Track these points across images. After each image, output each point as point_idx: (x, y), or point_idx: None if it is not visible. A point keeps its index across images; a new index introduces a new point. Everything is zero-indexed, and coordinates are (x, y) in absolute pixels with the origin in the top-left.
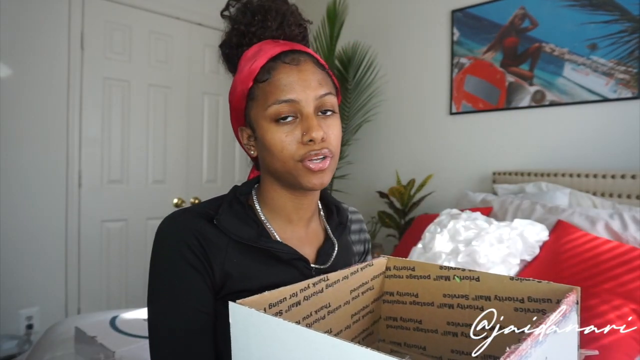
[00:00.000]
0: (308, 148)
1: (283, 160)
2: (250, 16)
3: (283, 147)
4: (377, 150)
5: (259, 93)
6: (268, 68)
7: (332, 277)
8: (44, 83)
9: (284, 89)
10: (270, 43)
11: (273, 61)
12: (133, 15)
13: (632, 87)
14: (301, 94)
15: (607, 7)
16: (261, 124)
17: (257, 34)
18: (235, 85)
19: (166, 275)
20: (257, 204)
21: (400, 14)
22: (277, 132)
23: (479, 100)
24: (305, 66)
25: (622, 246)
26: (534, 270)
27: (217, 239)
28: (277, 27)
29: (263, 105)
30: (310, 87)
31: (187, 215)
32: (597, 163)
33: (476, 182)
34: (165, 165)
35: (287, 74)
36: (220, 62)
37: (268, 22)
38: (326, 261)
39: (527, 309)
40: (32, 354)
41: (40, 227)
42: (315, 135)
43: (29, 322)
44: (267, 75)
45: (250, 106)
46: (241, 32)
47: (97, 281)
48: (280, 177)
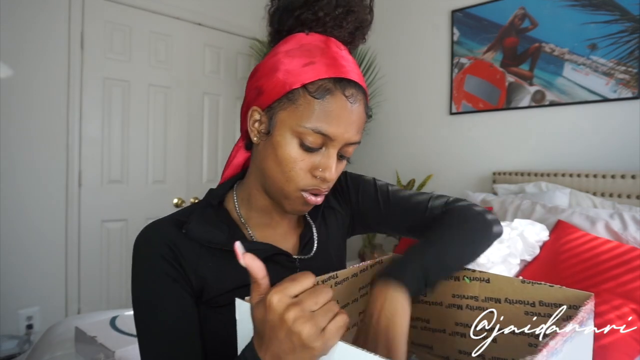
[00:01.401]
0: (315, 182)
1: (286, 180)
2: (333, 6)
3: (293, 169)
4: (377, 150)
5: (303, 102)
6: (326, 88)
7: (341, 275)
8: (44, 83)
9: (330, 121)
10: (337, 46)
11: (334, 83)
12: (133, 15)
13: (632, 87)
14: (340, 134)
15: (607, 7)
16: (284, 131)
17: (328, 26)
18: (278, 63)
19: (145, 287)
20: (236, 202)
21: (400, 14)
22: (296, 152)
23: (479, 100)
24: (358, 108)
25: (622, 246)
26: (534, 270)
27: (190, 246)
28: (350, 32)
29: (299, 118)
30: (350, 130)
31: (159, 225)
32: (597, 163)
33: (476, 182)
34: (165, 165)
35: (341, 108)
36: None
37: (344, 23)
38: (309, 250)
39: (537, 313)
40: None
41: (40, 227)
42: (329, 176)
43: (29, 322)
44: (321, 95)
45: (284, 104)
46: (315, 14)
47: (97, 281)
48: (270, 187)
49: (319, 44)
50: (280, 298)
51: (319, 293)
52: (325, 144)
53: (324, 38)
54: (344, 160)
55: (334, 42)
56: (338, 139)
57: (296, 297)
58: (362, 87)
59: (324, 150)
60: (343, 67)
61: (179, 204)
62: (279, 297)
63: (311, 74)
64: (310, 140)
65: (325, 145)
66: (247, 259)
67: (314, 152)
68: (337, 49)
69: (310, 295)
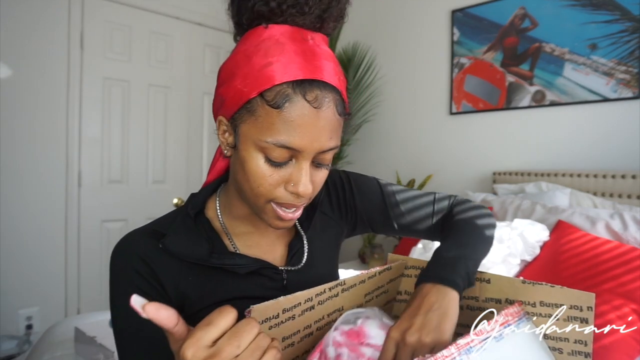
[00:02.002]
0: (286, 196)
1: (255, 196)
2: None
3: (261, 185)
4: (377, 150)
5: (262, 114)
6: (285, 94)
7: (348, 282)
8: (44, 83)
9: (292, 132)
10: (301, 38)
11: (292, 87)
12: (133, 15)
13: (632, 87)
14: (307, 145)
15: (608, 7)
16: (248, 145)
17: (288, 14)
18: (236, 67)
19: (120, 304)
20: (218, 210)
21: (400, 14)
22: (263, 167)
23: (479, 100)
24: (325, 112)
25: (622, 246)
26: (534, 270)
27: (169, 260)
28: (317, 16)
29: (259, 131)
30: (320, 139)
31: (135, 237)
32: (597, 163)
33: (476, 182)
34: (165, 165)
35: (303, 116)
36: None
37: (306, 7)
38: (299, 260)
39: (538, 314)
40: (31, 354)
41: (40, 227)
42: (303, 191)
43: (28, 322)
44: (280, 104)
45: (243, 116)
46: (267, 4)
47: (97, 281)
48: (246, 199)
49: (278, 38)
50: (194, 352)
51: (241, 333)
52: (294, 156)
53: (286, 30)
54: (322, 168)
55: (297, 33)
56: (306, 150)
57: (214, 344)
58: (330, 85)
59: (294, 162)
60: (309, 65)
61: (178, 203)
62: (193, 351)
63: (267, 79)
64: (275, 156)
65: (294, 157)
66: (150, 312)
67: (283, 166)
68: (300, 42)
69: (230, 339)
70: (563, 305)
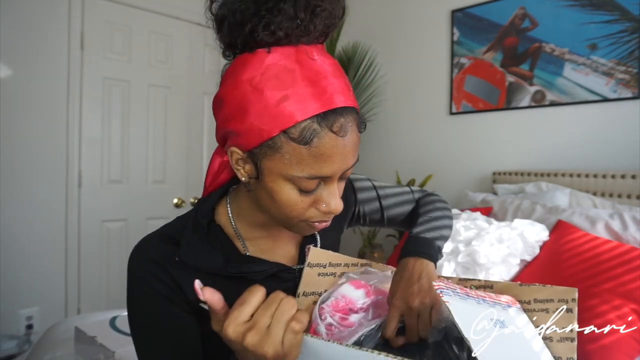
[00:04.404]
0: (318, 215)
1: (287, 217)
2: (293, 16)
3: (293, 209)
4: (377, 150)
5: (288, 150)
6: (311, 130)
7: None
8: (44, 83)
9: (322, 164)
10: (309, 58)
11: (318, 122)
12: (133, 15)
13: (632, 87)
14: (337, 170)
15: (607, 7)
16: (275, 178)
17: (293, 37)
18: (246, 102)
19: (140, 309)
20: (230, 216)
21: (400, 14)
22: (293, 195)
23: (479, 100)
24: (350, 137)
25: (622, 246)
26: (534, 270)
27: (184, 269)
28: (321, 33)
29: (287, 167)
30: (346, 161)
31: (153, 242)
32: (597, 163)
33: (476, 182)
34: (165, 165)
35: (332, 148)
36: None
37: (312, 27)
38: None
39: (532, 310)
40: (32, 354)
41: (40, 227)
42: (335, 209)
43: (29, 322)
44: (307, 140)
45: (266, 152)
46: (273, 34)
47: (97, 281)
48: (273, 218)
49: (287, 64)
50: (235, 328)
51: (269, 305)
52: (323, 181)
53: (290, 52)
54: (343, 180)
55: (303, 54)
56: (335, 174)
57: (251, 318)
58: (349, 108)
59: (322, 185)
60: (325, 92)
61: (178, 203)
62: (233, 327)
63: (288, 116)
64: (305, 186)
65: (323, 182)
66: (207, 294)
67: (314, 191)
68: (308, 64)
69: (263, 312)
70: (553, 299)
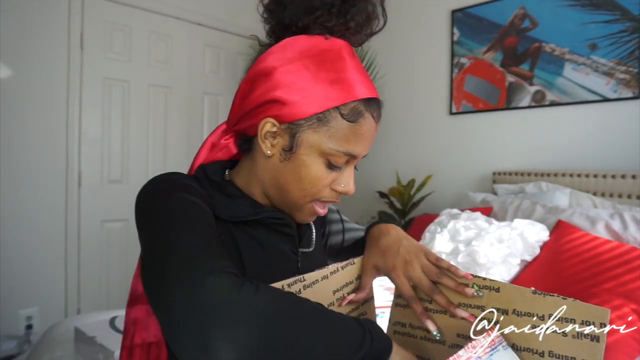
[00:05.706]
0: (331, 194)
1: (304, 195)
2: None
3: (315, 186)
4: (377, 150)
5: (335, 125)
6: (359, 110)
7: (309, 278)
8: (44, 83)
9: (359, 144)
10: (354, 55)
11: (364, 105)
12: (133, 15)
13: (632, 87)
14: (364, 152)
15: (608, 7)
16: (311, 151)
17: (349, 32)
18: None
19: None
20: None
21: (400, 14)
22: (322, 171)
23: (479, 100)
24: (378, 126)
25: (623, 246)
26: (535, 270)
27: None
28: (366, 36)
29: (330, 140)
30: (370, 145)
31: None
32: (597, 163)
33: (476, 182)
34: (165, 165)
35: (370, 130)
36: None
37: (364, 29)
38: (307, 245)
39: (545, 328)
40: (31, 354)
41: (40, 227)
42: (350, 191)
43: (28, 322)
44: (355, 119)
45: (313, 124)
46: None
47: (97, 281)
48: (282, 198)
49: (340, 53)
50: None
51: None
52: (349, 160)
53: (343, 44)
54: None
55: (350, 49)
56: (361, 155)
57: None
58: (380, 101)
59: (344, 166)
60: (368, 84)
61: None
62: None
63: (342, 94)
64: (338, 161)
65: (347, 163)
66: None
67: (337, 169)
68: (356, 60)
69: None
70: (576, 320)
